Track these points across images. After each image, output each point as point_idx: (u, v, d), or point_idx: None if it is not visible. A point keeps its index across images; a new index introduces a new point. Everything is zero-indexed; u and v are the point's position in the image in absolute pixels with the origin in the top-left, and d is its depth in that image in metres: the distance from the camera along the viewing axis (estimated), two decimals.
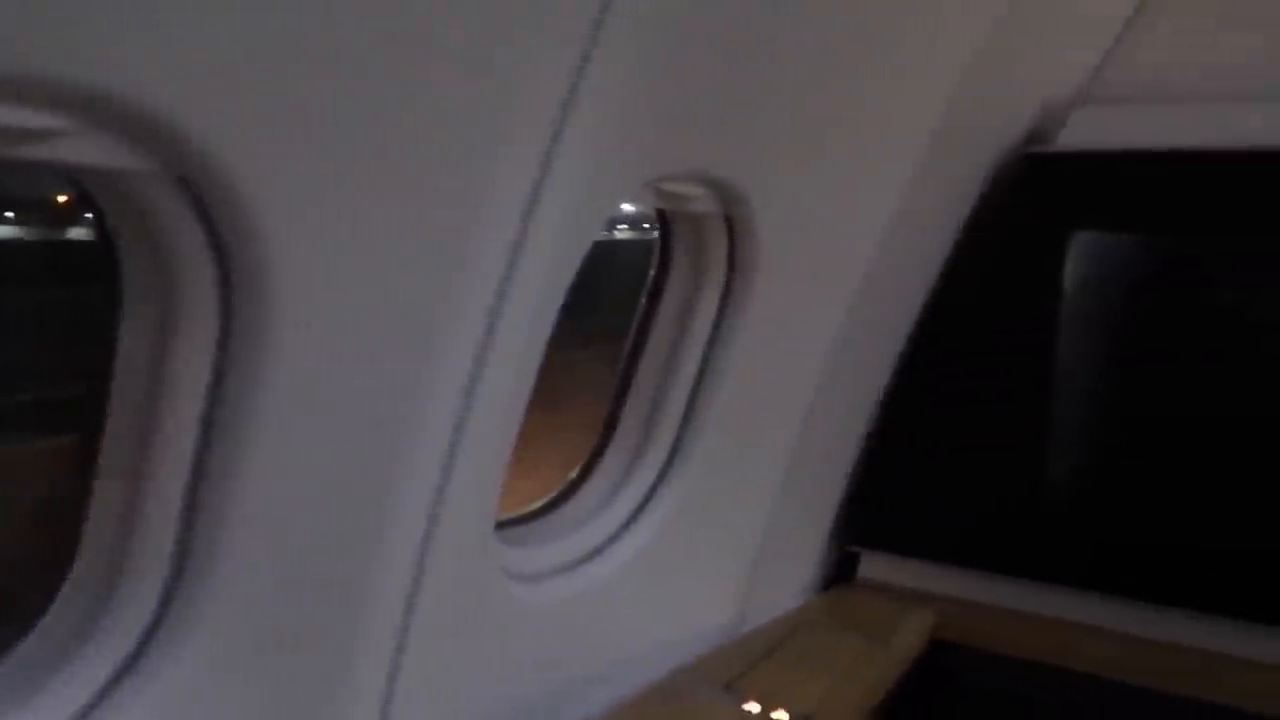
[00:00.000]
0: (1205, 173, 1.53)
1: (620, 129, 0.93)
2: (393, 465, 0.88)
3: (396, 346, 0.84)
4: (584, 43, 0.83)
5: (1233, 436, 1.55)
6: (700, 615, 1.56)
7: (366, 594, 0.92)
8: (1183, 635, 1.59)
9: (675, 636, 1.50)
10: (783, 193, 1.30)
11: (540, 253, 0.92)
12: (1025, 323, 1.65)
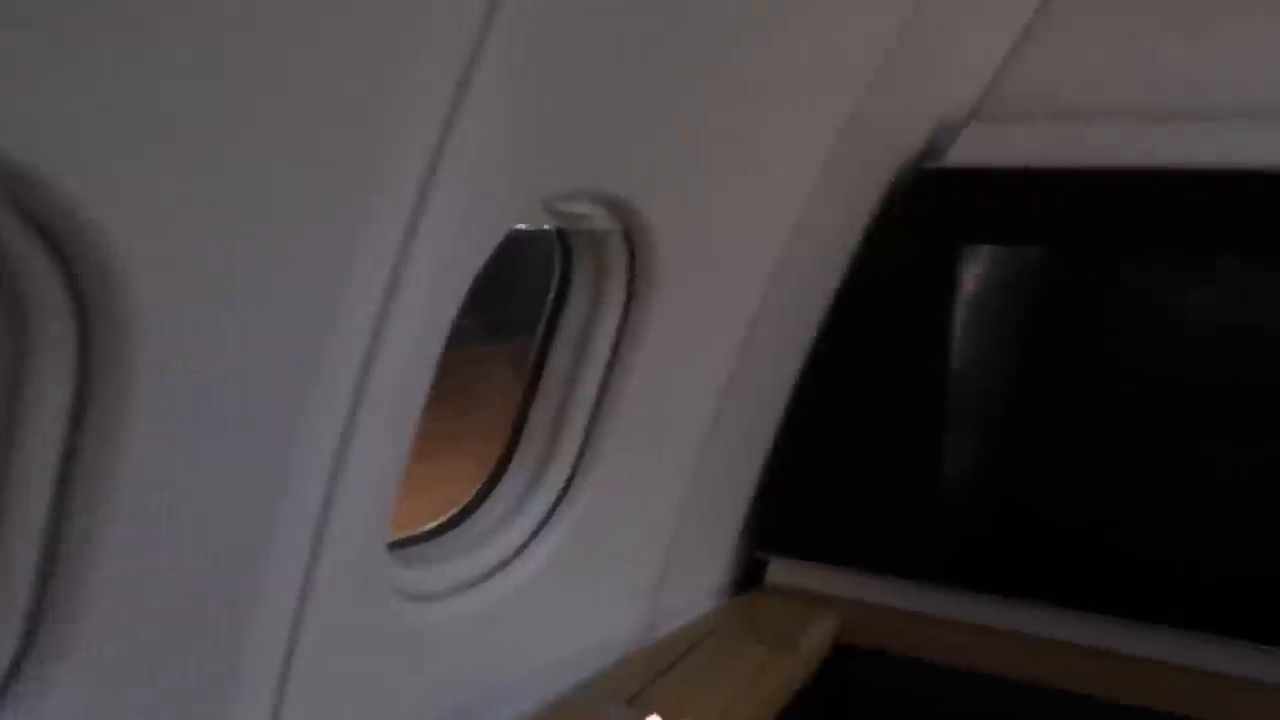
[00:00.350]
0: (1089, 189, 1.59)
1: (505, 151, 0.94)
2: (272, 487, 0.87)
3: (274, 370, 0.83)
4: (464, 61, 0.83)
5: (1120, 439, 1.62)
6: (607, 628, 1.57)
7: (247, 621, 0.90)
8: (1080, 635, 1.65)
9: (581, 650, 1.50)
10: (682, 209, 1.32)
11: (424, 274, 0.91)
12: (921, 332, 1.70)
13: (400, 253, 0.87)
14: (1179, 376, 1.58)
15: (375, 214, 0.84)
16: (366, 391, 0.90)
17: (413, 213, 0.86)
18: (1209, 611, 1.55)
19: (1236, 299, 1.55)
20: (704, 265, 1.43)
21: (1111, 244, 1.60)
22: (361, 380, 0.90)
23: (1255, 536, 1.52)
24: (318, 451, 0.90)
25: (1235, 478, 1.54)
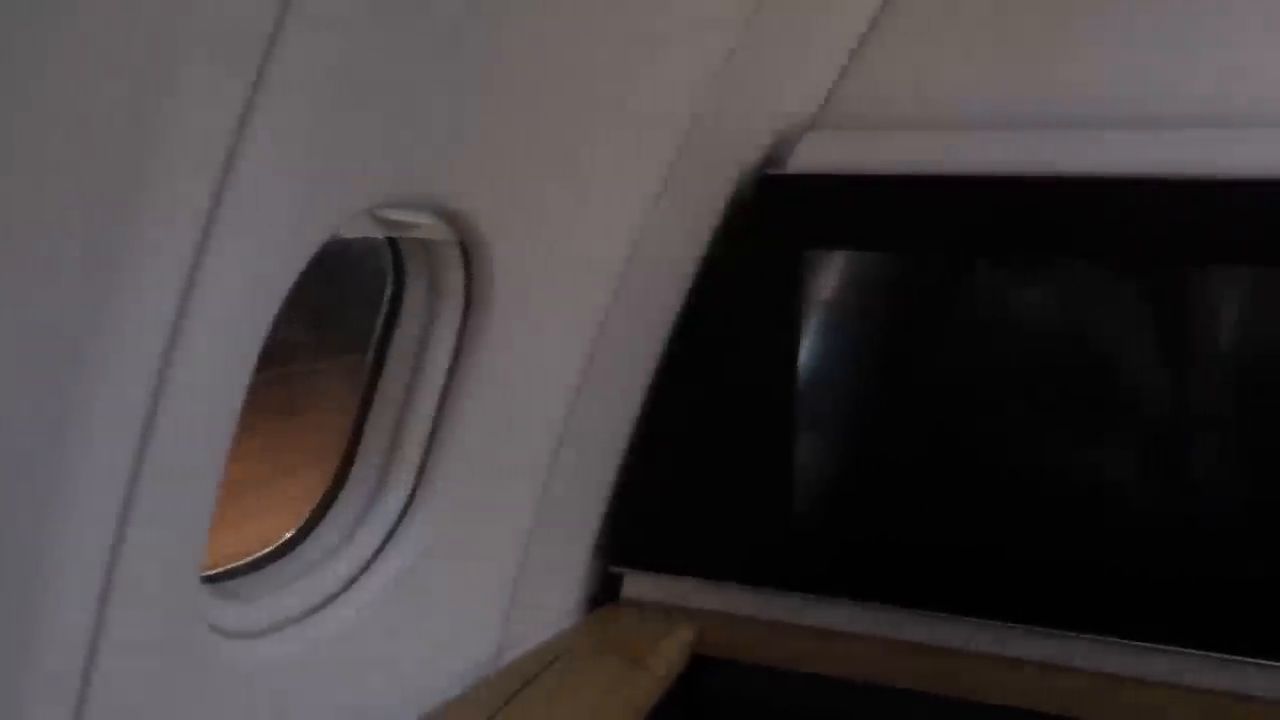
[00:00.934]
0: (927, 195, 1.62)
1: (309, 157, 0.88)
2: (49, 518, 0.78)
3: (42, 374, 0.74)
4: (257, 62, 0.77)
5: (963, 442, 1.65)
6: (455, 653, 1.51)
7: (28, 673, 0.81)
8: (936, 637, 1.68)
9: (427, 679, 1.44)
10: (518, 217, 1.28)
11: (226, 280, 0.84)
12: (769, 339, 1.70)
13: (195, 260, 0.80)
14: (1020, 379, 1.63)
15: (161, 219, 0.76)
16: (163, 400, 0.82)
17: (206, 221, 0.79)
18: (1055, 607, 1.60)
19: (1072, 301, 1.61)
20: (545, 274, 1.39)
21: (949, 249, 1.64)
22: (156, 391, 0.82)
23: (1096, 533, 1.58)
24: (104, 478, 0.81)
25: (1077, 477, 1.60)
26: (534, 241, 1.32)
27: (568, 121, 1.26)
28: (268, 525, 1.37)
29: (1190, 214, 1.51)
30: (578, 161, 1.33)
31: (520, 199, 1.26)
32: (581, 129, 1.30)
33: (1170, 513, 1.56)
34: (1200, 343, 1.58)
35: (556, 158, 1.28)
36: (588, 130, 1.31)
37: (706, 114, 1.50)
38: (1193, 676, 1.52)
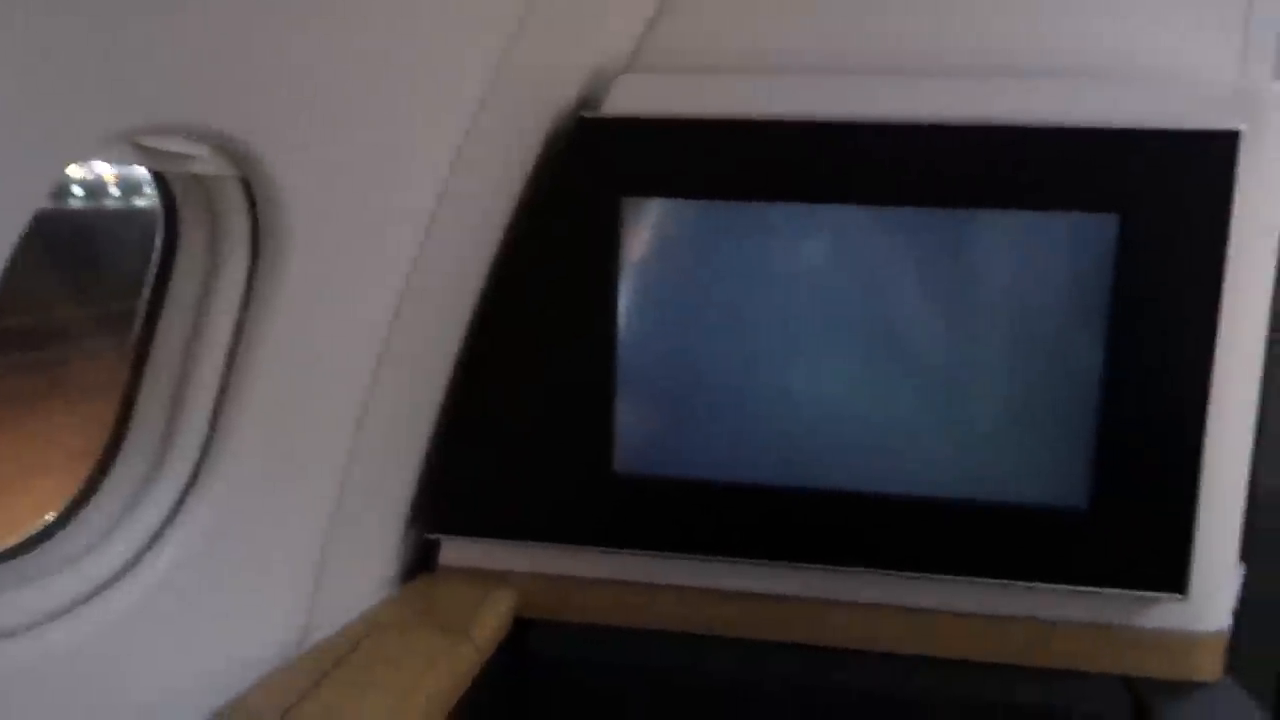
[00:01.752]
0: (746, 140, 1.59)
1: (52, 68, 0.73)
2: None
3: None
4: None
5: (775, 388, 1.65)
6: (255, 637, 1.38)
7: None
8: (753, 584, 1.69)
9: (222, 668, 1.31)
10: (314, 159, 1.15)
11: None
12: (587, 290, 1.64)
13: None
14: (834, 325, 1.64)
15: None
16: None
17: None
18: (866, 548, 1.63)
19: (886, 246, 1.62)
20: (344, 221, 1.27)
21: (765, 194, 1.62)
22: None
23: (894, 476, 1.62)
24: None
25: (887, 425, 1.62)
26: (331, 185, 1.20)
27: (367, 55, 1.14)
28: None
29: (988, 158, 1.55)
30: (379, 98, 1.21)
31: (313, 136, 1.13)
32: (382, 63, 1.18)
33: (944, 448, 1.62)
34: (985, 284, 1.62)
35: (355, 93, 1.16)
36: (390, 66, 1.20)
37: (517, 53, 1.41)
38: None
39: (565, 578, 1.73)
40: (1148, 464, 1.55)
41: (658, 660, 1.66)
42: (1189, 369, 1.53)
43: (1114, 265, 1.53)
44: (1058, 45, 1.61)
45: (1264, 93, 1.53)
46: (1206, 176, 1.50)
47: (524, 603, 1.72)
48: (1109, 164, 1.52)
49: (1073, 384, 1.56)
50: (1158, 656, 1.60)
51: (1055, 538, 1.59)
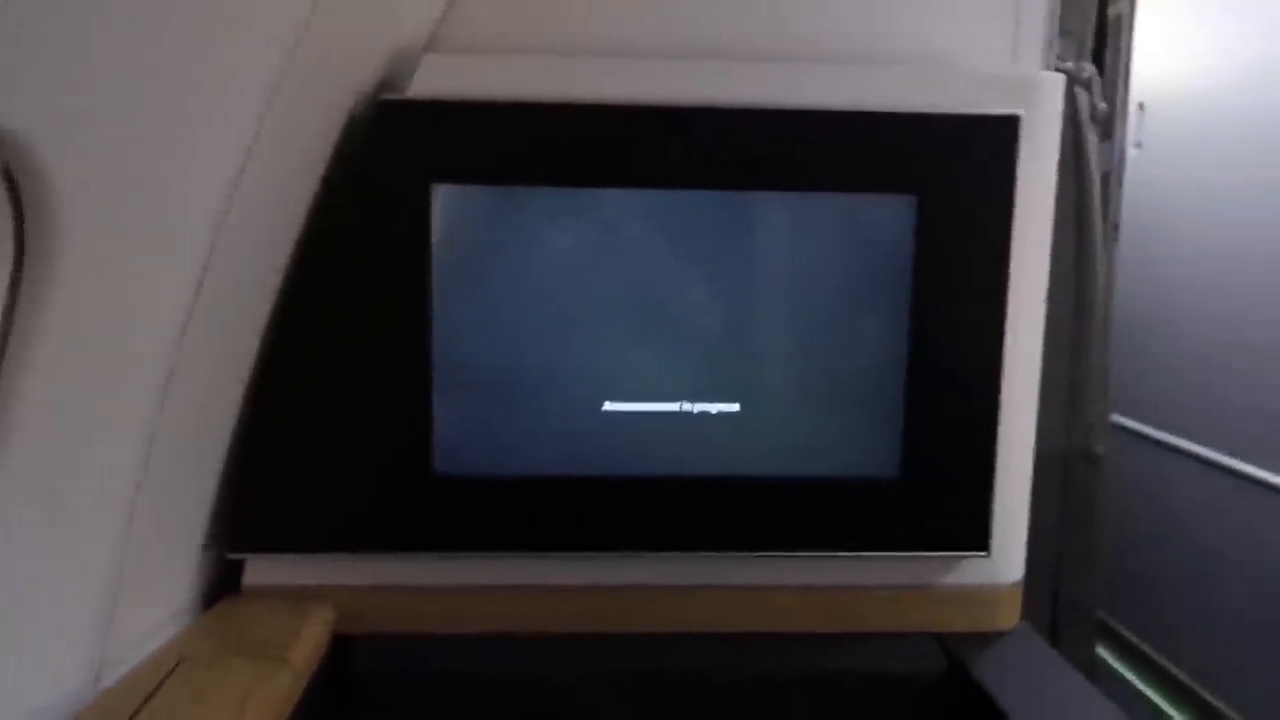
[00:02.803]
0: (554, 124, 1.55)
1: None
2: None
3: None
4: None
5: (587, 377, 1.62)
6: (38, 681, 1.22)
7: None
8: (586, 577, 1.67)
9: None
10: (87, 144, 1.02)
11: None
12: (396, 282, 1.55)
13: None
14: (650, 311, 1.63)
15: None
16: None
17: None
18: (692, 532, 1.65)
19: (700, 231, 1.62)
20: (126, 216, 1.14)
21: (578, 180, 1.59)
22: None
23: (716, 459, 1.63)
24: None
25: (706, 408, 1.63)
26: (109, 176, 1.07)
27: (147, 35, 1.02)
28: None
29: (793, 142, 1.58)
30: (160, 83, 1.09)
31: (87, 122, 1.00)
32: (165, 46, 1.06)
33: (764, 428, 1.65)
34: (772, 263, 1.67)
35: (134, 77, 1.04)
36: (173, 48, 1.08)
37: (311, 33, 1.31)
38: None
39: (387, 588, 1.65)
40: (951, 434, 1.64)
41: (492, 665, 1.61)
42: (983, 343, 1.63)
43: (914, 245, 1.60)
44: (845, 31, 1.66)
45: (1038, 80, 1.64)
46: (992, 158, 1.60)
47: (343, 619, 1.62)
48: (905, 148, 1.59)
49: (882, 360, 1.63)
50: (965, 611, 1.71)
51: (872, 508, 1.65)
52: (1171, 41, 3.58)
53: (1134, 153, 3.71)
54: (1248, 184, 3.16)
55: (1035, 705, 1.49)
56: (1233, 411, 3.23)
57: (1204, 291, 3.38)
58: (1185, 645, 3.46)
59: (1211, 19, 3.40)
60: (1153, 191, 3.63)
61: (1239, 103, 3.22)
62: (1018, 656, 1.66)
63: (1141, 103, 3.68)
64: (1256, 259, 3.13)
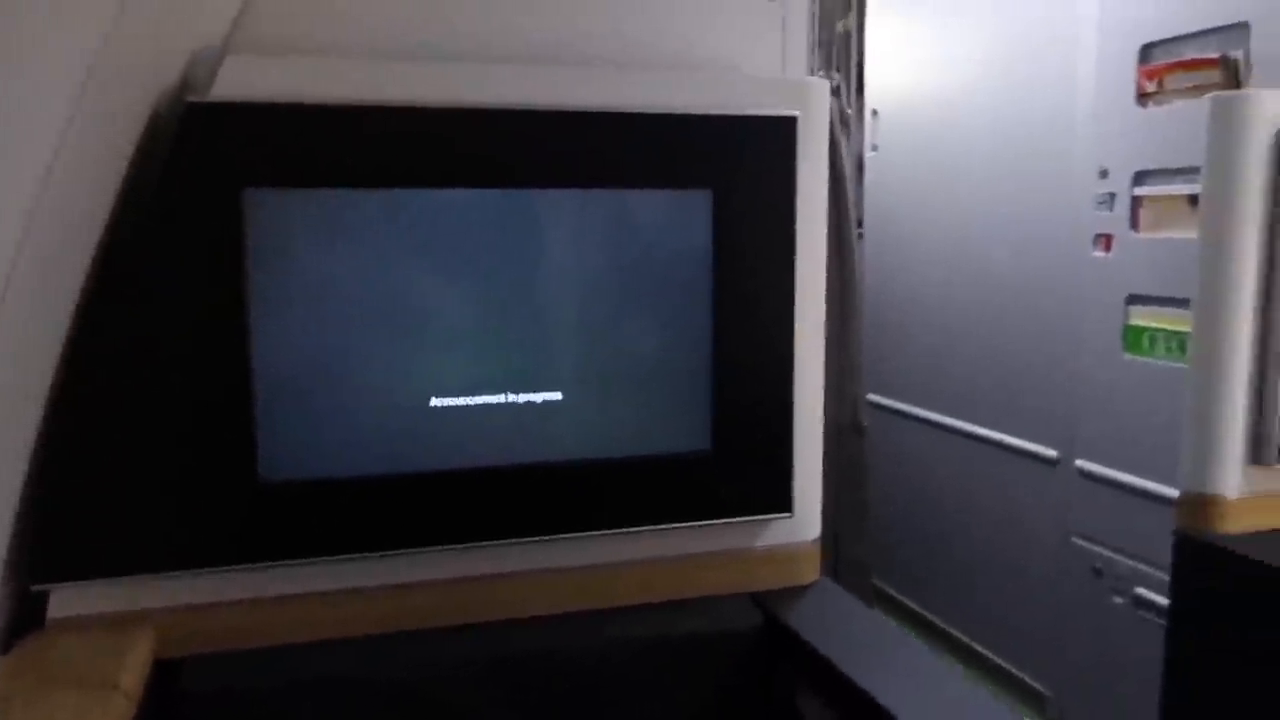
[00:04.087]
0: (359, 126, 1.56)
1: None
2: None
3: None
4: None
5: (409, 375, 1.64)
6: None
7: None
8: (419, 573, 1.69)
9: None
10: None
11: None
12: (209, 288, 1.51)
13: None
14: (467, 307, 1.67)
15: None
16: None
17: None
18: (521, 519, 1.71)
19: (514, 228, 1.68)
20: None
21: (385, 181, 1.60)
22: None
23: (539, 447, 1.70)
24: None
25: (527, 399, 1.69)
26: None
27: None
28: None
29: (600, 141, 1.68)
30: None
31: None
32: None
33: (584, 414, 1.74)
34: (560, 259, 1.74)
35: None
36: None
37: (116, 35, 1.26)
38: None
39: (215, 604, 1.59)
40: (754, 409, 1.80)
41: (334, 670, 1.59)
42: (777, 324, 1.79)
43: (711, 236, 1.74)
44: (639, 40, 1.79)
45: (809, 85, 1.83)
46: (775, 154, 1.76)
47: (168, 642, 1.55)
48: (699, 146, 1.73)
49: (690, 344, 1.75)
50: (775, 570, 1.86)
51: (688, 481, 1.78)
52: (896, 55, 3.99)
53: (871, 154, 4.11)
54: (969, 181, 3.59)
55: (847, 646, 1.66)
56: (958, 382, 3.65)
57: (933, 280, 3.79)
58: (935, 592, 3.86)
59: (931, 35, 3.83)
60: (888, 190, 4.03)
61: (958, 108, 3.65)
62: (824, 605, 1.83)
63: (875, 110, 4.08)
64: (977, 252, 3.56)
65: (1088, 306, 3.03)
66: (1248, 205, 2.01)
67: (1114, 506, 2.98)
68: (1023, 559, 3.38)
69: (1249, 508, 2.09)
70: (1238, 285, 2.03)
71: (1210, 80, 2.59)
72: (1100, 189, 2.96)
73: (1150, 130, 2.80)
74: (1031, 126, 3.27)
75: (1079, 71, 3.04)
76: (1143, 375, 2.85)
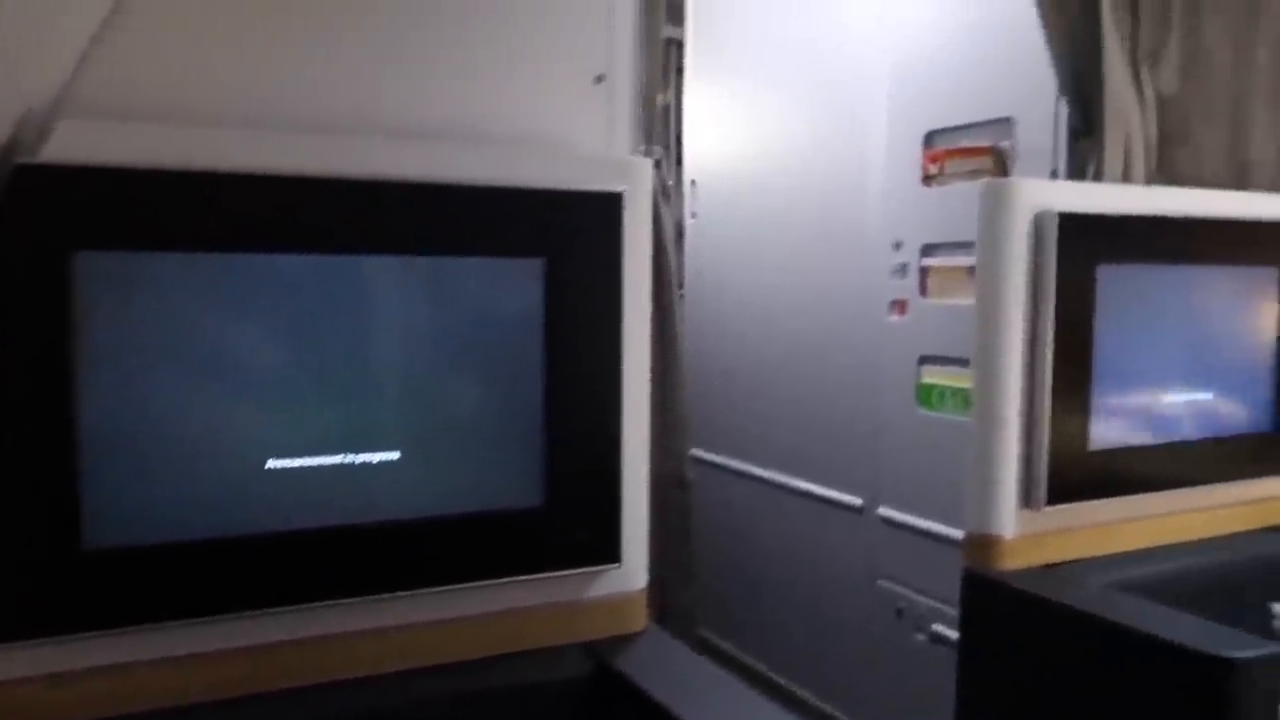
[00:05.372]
0: (197, 191, 1.59)
1: None
2: None
3: None
4: None
5: (249, 440, 1.66)
6: None
7: None
8: (249, 638, 1.67)
9: None
10: None
11: None
12: (30, 351, 1.49)
13: None
14: (301, 371, 1.70)
15: None
16: None
17: None
18: (356, 580, 1.73)
19: (349, 294, 1.72)
20: None
21: (215, 246, 1.63)
22: None
23: (375, 507, 1.74)
24: None
25: (361, 461, 1.73)
26: None
27: None
28: None
29: (442, 211, 1.76)
30: None
31: None
32: None
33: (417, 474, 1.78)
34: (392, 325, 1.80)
35: None
36: None
37: None
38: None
39: (33, 679, 1.53)
40: (584, 464, 1.89)
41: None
42: (604, 385, 1.91)
43: (543, 302, 1.84)
44: (476, 115, 1.89)
45: (634, 163, 1.98)
46: (603, 227, 1.89)
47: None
48: (533, 218, 1.84)
49: (523, 405, 1.84)
50: (605, 619, 1.95)
51: (522, 535, 1.85)
52: (713, 128, 4.26)
53: (690, 221, 4.34)
54: (779, 248, 3.85)
55: (677, 690, 1.76)
56: (774, 437, 3.88)
57: (750, 341, 4.03)
58: (755, 637, 4.04)
59: (745, 111, 4.11)
60: (707, 255, 4.26)
61: (770, 180, 3.92)
62: (654, 651, 1.93)
63: (694, 180, 4.32)
64: (787, 315, 3.82)
65: (886, 366, 3.31)
66: (1014, 277, 2.30)
67: (913, 550, 3.24)
68: (835, 603, 3.61)
69: (1024, 546, 2.35)
70: (1008, 347, 2.30)
71: (983, 166, 2.93)
72: (895, 259, 3.26)
73: (934, 208, 3.13)
74: (835, 200, 3.56)
75: (874, 153, 3.35)
76: (935, 428, 3.13)
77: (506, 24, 1.93)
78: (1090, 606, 2.16)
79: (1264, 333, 2.69)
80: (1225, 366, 2.65)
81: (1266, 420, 2.71)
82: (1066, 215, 2.29)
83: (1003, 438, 2.31)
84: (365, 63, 1.81)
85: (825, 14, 3.62)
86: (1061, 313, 2.30)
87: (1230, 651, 1.88)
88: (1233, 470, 2.68)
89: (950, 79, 3.09)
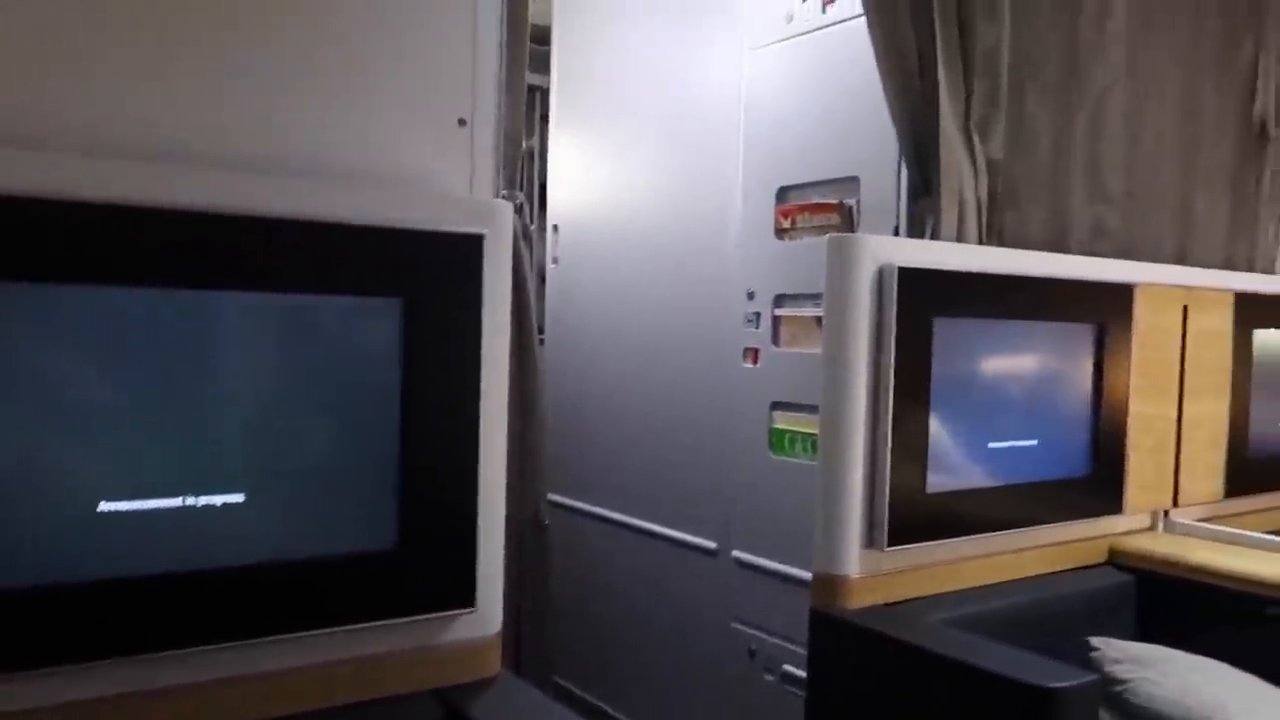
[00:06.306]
0: (29, 219, 1.51)
1: None
2: None
3: None
4: None
5: (88, 481, 1.58)
6: None
7: None
8: (84, 690, 1.58)
9: None
10: None
11: None
12: None
13: None
14: (142, 412, 1.63)
15: None
16: None
17: None
18: (200, 627, 1.66)
19: (193, 330, 1.67)
20: None
21: (53, 275, 1.55)
22: None
23: (219, 552, 1.68)
24: None
25: (203, 503, 1.67)
26: None
27: None
28: None
29: (296, 248, 1.73)
30: None
31: None
32: None
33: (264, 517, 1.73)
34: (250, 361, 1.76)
35: None
36: None
37: None
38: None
39: None
40: (438, 507, 1.87)
41: None
42: (462, 427, 1.90)
43: (401, 343, 1.83)
44: (337, 153, 1.88)
45: (495, 206, 1.99)
46: (462, 269, 1.90)
47: None
48: (391, 258, 1.82)
49: (377, 446, 1.81)
50: (458, 665, 1.92)
51: (373, 580, 1.81)
52: (576, 174, 4.32)
53: (552, 267, 4.38)
54: (639, 295, 3.92)
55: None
56: (631, 481, 3.92)
57: (609, 386, 4.08)
58: (610, 682, 4.04)
59: (608, 160, 4.19)
60: (568, 300, 4.30)
61: (631, 228, 4.00)
62: (507, 698, 1.91)
63: (556, 225, 4.37)
64: (645, 360, 3.88)
65: (740, 412, 3.41)
66: (858, 328, 2.41)
67: (765, 592, 3.32)
68: (690, 645, 3.65)
69: (867, 586, 2.44)
70: (852, 394, 2.41)
71: (831, 222, 3.08)
72: (749, 308, 3.37)
73: (786, 260, 3.26)
74: (693, 249, 3.66)
75: (730, 205, 3.47)
76: (785, 472, 3.23)
77: (370, 64, 1.93)
78: (926, 642, 2.26)
79: (1081, 384, 2.89)
80: (1049, 414, 2.84)
81: (1082, 465, 2.91)
82: (906, 270, 2.42)
83: (847, 481, 2.41)
84: (213, 92, 1.77)
85: (685, 71, 3.74)
86: (901, 362, 2.43)
87: (1050, 682, 2.00)
88: (1059, 511, 2.86)
89: (801, 139, 3.25)
